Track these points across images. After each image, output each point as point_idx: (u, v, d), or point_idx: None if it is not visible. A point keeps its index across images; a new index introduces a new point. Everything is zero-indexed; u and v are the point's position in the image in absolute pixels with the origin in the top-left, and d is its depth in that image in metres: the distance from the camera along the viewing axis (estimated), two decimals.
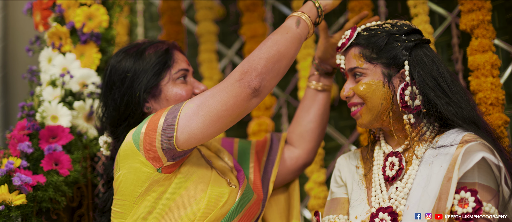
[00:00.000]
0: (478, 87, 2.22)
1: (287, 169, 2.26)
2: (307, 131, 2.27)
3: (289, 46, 1.90)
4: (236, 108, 1.84)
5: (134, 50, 2.09)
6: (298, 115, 2.30)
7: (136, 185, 1.89)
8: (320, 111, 2.28)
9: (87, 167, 2.42)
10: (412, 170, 1.83)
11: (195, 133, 1.84)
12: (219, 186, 1.95)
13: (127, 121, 2.05)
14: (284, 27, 1.93)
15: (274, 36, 1.91)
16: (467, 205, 1.68)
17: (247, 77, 1.83)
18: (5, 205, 2.08)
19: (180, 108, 1.87)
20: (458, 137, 1.79)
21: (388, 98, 1.87)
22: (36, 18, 2.63)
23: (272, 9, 3.06)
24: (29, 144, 2.24)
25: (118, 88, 2.05)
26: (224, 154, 2.18)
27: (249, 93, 1.83)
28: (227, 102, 1.83)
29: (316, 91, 2.27)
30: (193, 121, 1.84)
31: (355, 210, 1.92)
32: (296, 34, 1.92)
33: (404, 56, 1.86)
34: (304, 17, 1.95)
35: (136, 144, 1.88)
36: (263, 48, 1.88)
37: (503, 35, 2.35)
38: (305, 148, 2.27)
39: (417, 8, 2.44)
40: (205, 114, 1.83)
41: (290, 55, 1.90)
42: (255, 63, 1.85)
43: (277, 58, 1.87)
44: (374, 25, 1.94)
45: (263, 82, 1.84)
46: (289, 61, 1.91)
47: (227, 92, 1.83)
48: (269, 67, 1.85)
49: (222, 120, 1.84)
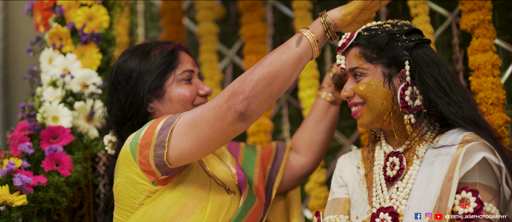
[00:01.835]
0: (479, 87, 2.22)
1: (292, 176, 2.26)
2: (317, 141, 2.27)
3: (285, 68, 1.77)
4: (223, 132, 1.77)
5: (140, 50, 2.10)
6: (308, 125, 2.28)
7: (134, 196, 1.89)
8: (332, 123, 2.28)
9: (88, 168, 2.42)
10: (412, 170, 1.83)
11: (185, 153, 1.81)
12: (220, 194, 1.95)
13: (131, 120, 2.05)
14: (284, 45, 1.81)
15: (271, 56, 1.79)
16: (468, 205, 1.68)
17: (234, 99, 1.74)
18: (6, 205, 2.08)
19: (174, 122, 1.83)
20: (459, 137, 1.79)
21: (388, 98, 1.87)
22: (36, 19, 2.63)
23: (273, 9, 3.05)
24: (30, 144, 2.25)
25: (123, 87, 2.05)
26: (227, 157, 2.18)
27: (234, 117, 1.75)
28: (214, 124, 1.76)
29: (329, 103, 2.26)
30: (183, 141, 1.80)
31: (356, 210, 1.92)
32: (294, 54, 1.78)
33: (405, 56, 1.86)
34: (307, 34, 1.80)
35: (132, 153, 1.87)
36: (257, 68, 1.77)
37: (504, 34, 2.35)
38: (312, 158, 2.28)
39: (417, 8, 2.44)
40: (194, 135, 1.79)
41: (285, 77, 1.77)
42: (244, 85, 1.75)
43: (269, 80, 1.75)
44: (375, 25, 1.94)
45: (250, 106, 1.74)
46: (283, 84, 1.78)
47: (214, 113, 1.76)
48: (259, 90, 1.74)
49: (210, 142, 1.80)
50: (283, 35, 3.03)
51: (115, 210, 1.97)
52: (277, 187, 2.20)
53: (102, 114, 2.17)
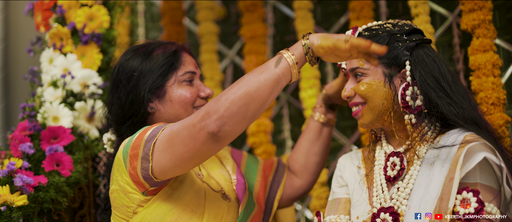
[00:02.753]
0: (479, 86, 2.22)
1: (288, 196, 2.28)
2: (312, 163, 2.28)
3: (262, 89, 1.71)
4: (196, 151, 1.72)
5: (142, 49, 2.10)
6: (302, 146, 2.29)
7: (127, 204, 1.88)
8: (325, 145, 2.29)
9: (89, 168, 2.42)
10: (413, 170, 1.83)
11: (166, 169, 1.78)
12: (216, 201, 1.94)
13: (131, 119, 2.05)
14: (263, 66, 1.76)
15: (248, 76, 1.74)
16: (469, 205, 1.68)
17: (207, 120, 1.68)
18: (7, 206, 2.08)
19: (157, 135, 1.79)
20: (460, 137, 1.79)
21: (389, 98, 1.87)
22: (37, 19, 2.63)
23: (273, 9, 3.05)
24: (30, 145, 2.25)
25: (124, 86, 2.05)
26: (228, 162, 2.17)
27: (206, 138, 1.69)
28: (188, 143, 1.72)
29: (321, 124, 2.27)
30: (163, 157, 1.77)
31: (357, 210, 1.92)
32: (272, 75, 1.73)
33: (405, 56, 1.86)
34: (286, 55, 1.75)
35: (124, 162, 1.86)
36: (234, 87, 1.71)
37: (504, 34, 2.35)
38: (308, 180, 2.29)
39: (418, 8, 2.44)
40: (171, 152, 1.75)
41: (262, 98, 1.71)
42: (218, 104, 1.69)
43: (245, 101, 1.69)
44: (375, 25, 1.94)
45: (224, 127, 1.68)
46: (260, 105, 1.72)
47: (188, 132, 1.71)
48: (233, 110, 1.68)
49: (186, 161, 1.76)
50: (283, 35, 3.03)
51: (112, 216, 1.97)
52: (279, 199, 2.22)
53: (103, 112, 2.17)
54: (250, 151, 2.96)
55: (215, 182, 2.03)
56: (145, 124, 2.07)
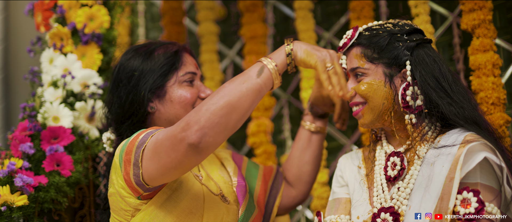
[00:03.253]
0: (480, 86, 2.22)
1: (284, 205, 2.28)
2: (304, 172, 2.28)
3: (243, 98, 1.71)
4: (178, 162, 1.70)
5: (144, 49, 2.10)
6: (293, 155, 2.30)
7: (125, 208, 1.87)
8: (315, 153, 2.29)
9: (89, 168, 2.42)
10: (414, 170, 1.83)
11: (155, 178, 1.77)
12: (215, 204, 1.94)
13: (130, 119, 2.05)
14: (244, 74, 1.76)
15: (229, 85, 1.72)
16: (469, 205, 1.67)
17: (188, 131, 1.65)
18: (7, 206, 2.08)
19: (146, 142, 1.77)
20: (460, 137, 1.79)
21: (389, 98, 1.87)
22: (37, 19, 2.63)
23: (273, 9, 3.05)
24: (30, 145, 2.25)
25: (125, 85, 2.05)
26: (229, 164, 2.17)
27: (187, 149, 1.66)
28: (170, 154, 1.69)
29: (310, 132, 2.27)
30: (150, 166, 1.74)
31: (357, 210, 1.92)
32: (254, 85, 1.73)
33: (406, 56, 1.86)
34: (270, 65, 1.76)
35: (120, 165, 1.84)
36: (214, 97, 1.70)
37: (505, 34, 2.35)
38: (302, 190, 2.30)
39: (418, 8, 2.44)
40: (157, 161, 1.72)
41: (244, 108, 1.71)
42: (199, 115, 1.66)
43: (226, 111, 1.68)
44: (376, 25, 1.94)
45: (204, 137, 1.65)
46: (242, 115, 1.71)
47: (171, 143, 1.68)
48: (215, 121, 1.65)
49: (171, 171, 1.73)
50: (283, 35, 3.03)
51: (111, 218, 1.96)
52: (278, 205, 2.23)
53: (103, 111, 2.17)
54: (250, 151, 2.97)
55: (214, 183, 2.03)
56: (144, 124, 2.07)
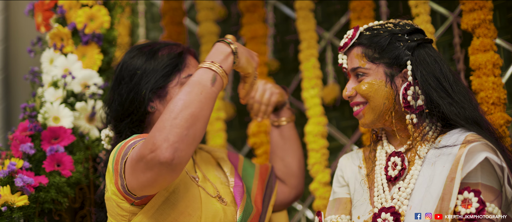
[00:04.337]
0: (480, 86, 2.22)
1: (280, 202, 2.31)
2: (289, 164, 2.33)
3: (204, 108, 1.73)
4: (154, 181, 1.69)
5: (148, 48, 2.10)
6: (276, 153, 2.36)
7: (121, 213, 1.86)
8: (292, 143, 2.35)
9: (89, 168, 2.42)
10: (414, 170, 1.83)
11: (138, 191, 1.76)
12: (212, 204, 1.94)
13: (130, 117, 2.04)
14: (198, 84, 1.76)
15: (186, 97, 1.72)
16: (470, 205, 1.67)
17: (158, 150, 1.63)
18: (8, 206, 2.08)
19: (128, 153, 1.76)
20: (461, 137, 1.79)
21: (390, 98, 1.87)
22: (37, 19, 2.63)
23: (274, 9, 3.05)
24: (31, 145, 2.25)
25: (126, 83, 2.05)
26: (226, 165, 2.17)
27: (160, 168, 1.65)
28: (145, 173, 1.68)
29: (275, 127, 2.36)
30: (131, 180, 1.74)
31: (358, 210, 1.92)
32: (211, 94, 1.77)
33: (407, 56, 1.86)
34: (221, 72, 1.81)
35: (112, 171, 1.83)
36: (174, 112, 1.68)
37: (505, 34, 2.35)
38: (293, 183, 2.34)
39: (418, 8, 2.43)
40: (136, 178, 1.72)
41: (206, 116, 1.74)
42: (165, 132, 1.64)
43: (191, 122, 1.68)
44: (377, 25, 1.94)
45: (177, 152, 1.64)
46: (205, 123, 1.74)
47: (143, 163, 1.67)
48: (183, 133, 1.66)
49: (150, 188, 1.73)
50: (283, 36, 3.03)
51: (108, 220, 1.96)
52: (273, 204, 2.24)
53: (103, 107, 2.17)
54: (250, 151, 2.96)
55: (210, 185, 2.03)
56: (144, 123, 2.07)
